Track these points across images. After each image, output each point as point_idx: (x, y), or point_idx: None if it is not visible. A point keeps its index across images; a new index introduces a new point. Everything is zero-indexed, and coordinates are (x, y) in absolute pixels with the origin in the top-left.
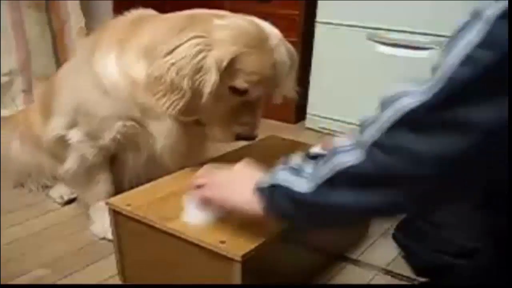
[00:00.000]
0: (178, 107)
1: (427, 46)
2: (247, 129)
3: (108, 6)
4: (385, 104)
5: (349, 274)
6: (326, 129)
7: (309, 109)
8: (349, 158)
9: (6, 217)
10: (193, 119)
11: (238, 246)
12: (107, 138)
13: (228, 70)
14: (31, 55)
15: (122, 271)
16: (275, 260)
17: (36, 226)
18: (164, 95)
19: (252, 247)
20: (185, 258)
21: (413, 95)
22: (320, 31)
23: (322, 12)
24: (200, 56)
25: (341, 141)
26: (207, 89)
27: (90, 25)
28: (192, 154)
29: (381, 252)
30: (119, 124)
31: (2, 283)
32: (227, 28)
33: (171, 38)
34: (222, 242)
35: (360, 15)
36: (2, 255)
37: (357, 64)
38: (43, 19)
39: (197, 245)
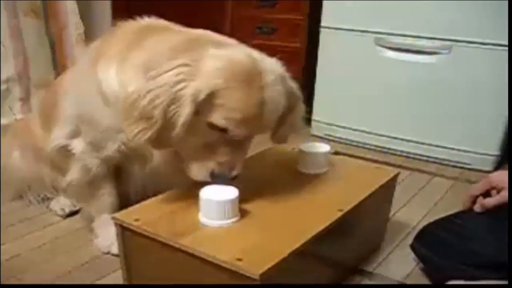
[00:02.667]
0: (146, 136)
1: (435, 51)
2: (223, 168)
3: (107, 13)
4: None
5: None
6: (331, 136)
7: (314, 116)
8: None
9: (5, 231)
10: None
11: (256, 264)
12: (111, 148)
13: (207, 104)
14: (29, 63)
15: None
16: (292, 276)
17: (37, 240)
18: (134, 122)
19: (271, 264)
20: (198, 276)
21: None
22: (325, 36)
23: (327, 17)
24: (179, 86)
25: None
26: (180, 120)
27: (89, 32)
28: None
29: (397, 264)
30: (122, 135)
31: None
32: (217, 59)
33: (167, 60)
34: (239, 259)
35: (366, 20)
36: (2, 272)
37: (364, 70)
38: (41, 26)
39: (211, 263)
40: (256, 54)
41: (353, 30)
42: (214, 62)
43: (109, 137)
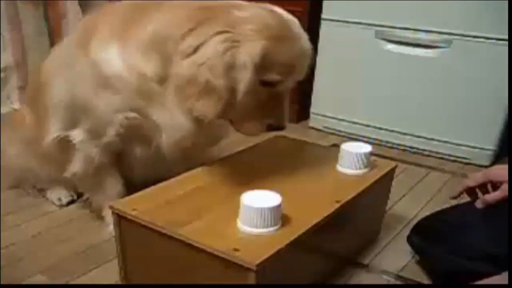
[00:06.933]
0: (218, 109)
1: (436, 44)
2: (278, 119)
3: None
4: None
5: (361, 280)
6: (330, 128)
7: (313, 108)
8: None
9: (2, 220)
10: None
11: (253, 254)
12: (110, 134)
13: (260, 64)
14: (27, 51)
15: (125, 279)
16: (289, 267)
17: (34, 229)
18: (198, 98)
19: (268, 255)
20: (195, 267)
21: None
22: (325, 29)
23: (328, 9)
24: (229, 53)
25: None
26: (242, 87)
27: None
28: (196, 153)
29: (393, 257)
30: (120, 116)
31: None
32: (251, 21)
33: (187, 31)
34: (236, 249)
35: (367, 12)
36: None
37: (364, 62)
38: (40, 15)
39: (209, 253)
40: (275, 8)
41: (353, 23)
42: (250, 25)
43: (106, 121)
